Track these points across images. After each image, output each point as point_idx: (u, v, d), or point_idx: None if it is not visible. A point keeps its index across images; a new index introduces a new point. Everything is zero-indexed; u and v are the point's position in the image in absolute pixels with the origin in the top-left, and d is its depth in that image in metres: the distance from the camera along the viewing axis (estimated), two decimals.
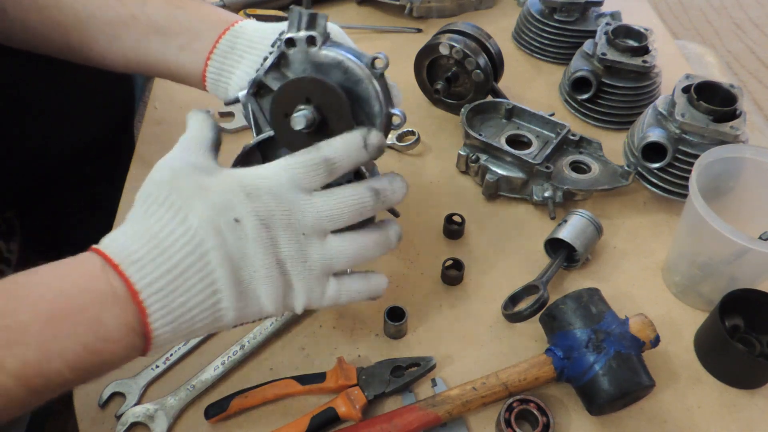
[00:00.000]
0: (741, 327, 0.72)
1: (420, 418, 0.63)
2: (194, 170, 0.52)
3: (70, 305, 0.46)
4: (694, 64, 1.22)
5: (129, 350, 0.49)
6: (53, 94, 0.91)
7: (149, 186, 0.52)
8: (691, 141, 0.82)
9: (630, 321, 0.66)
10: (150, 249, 0.48)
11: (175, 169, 0.52)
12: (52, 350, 0.45)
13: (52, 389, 0.47)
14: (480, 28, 0.97)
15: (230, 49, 0.66)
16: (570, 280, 0.80)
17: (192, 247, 0.49)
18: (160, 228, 0.49)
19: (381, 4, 1.23)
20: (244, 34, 0.67)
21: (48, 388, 0.46)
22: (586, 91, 0.99)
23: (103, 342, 0.47)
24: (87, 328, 0.46)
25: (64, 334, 0.45)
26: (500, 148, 0.87)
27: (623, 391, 0.62)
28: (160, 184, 0.51)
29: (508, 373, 0.66)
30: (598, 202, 0.89)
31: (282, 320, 0.72)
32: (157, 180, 0.52)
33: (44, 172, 0.96)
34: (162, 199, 0.50)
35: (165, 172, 0.53)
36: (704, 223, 0.67)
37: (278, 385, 0.67)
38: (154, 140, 0.95)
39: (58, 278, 0.48)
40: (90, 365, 0.47)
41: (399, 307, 0.72)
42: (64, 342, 0.45)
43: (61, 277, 0.48)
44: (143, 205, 0.51)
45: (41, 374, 0.45)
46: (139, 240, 0.48)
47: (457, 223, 0.84)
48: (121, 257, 0.48)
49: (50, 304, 0.46)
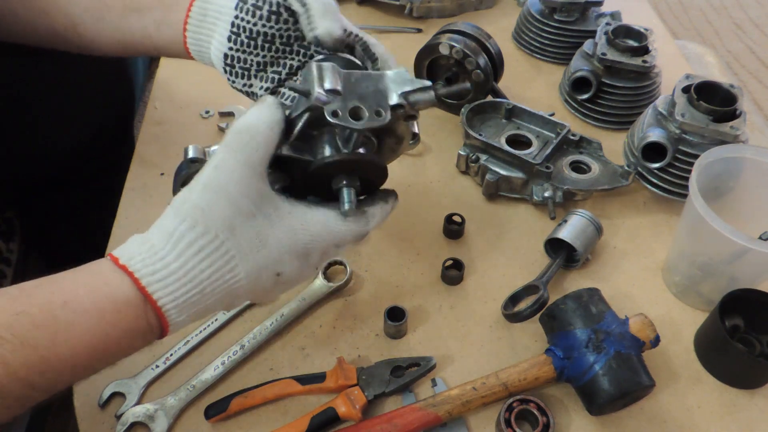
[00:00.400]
0: (741, 327, 0.72)
1: (420, 418, 0.63)
2: (254, 210, 0.52)
3: (111, 345, 0.49)
4: (694, 64, 1.22)
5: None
6: (53, 94, 0.91)
7: (200, 212, 0.50)
8: (691, 141, 0.82)
9: (630, 321, 0.66)
10: (195, 295, 0.50)
11: (234, 203, 0.51)
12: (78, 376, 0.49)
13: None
14: (480, 28, 0.97)
15: (203, 17, 0.65)
16: (570, 280, 0.80)
17: (229, 294, 0.52)
18: (210, 275, 0.50)
19: (381, 4, 1.23)
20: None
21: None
22: (586, 91, 0.99)
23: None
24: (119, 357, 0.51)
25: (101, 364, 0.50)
26: (500, 148, 0.87)
27: (623, 391, 0.62)
28: (217, 223, 0.50)
29: (508, 373, 0.66)
30: (598, 202, 0.89)
31: (282, 320, 0.73)
32: (213, 212, 0.50)
33: (44, 172, 0.96)
34: (218, 244, 0.50)
35: (222, 204, 0.50)
36: (704, 223, 0.67)
37: (278, 385, 0.67)
38: (154, 140, 0.95)
39: (98, 317, 0.49)
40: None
41: (399, 307, 0.72)
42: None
43: (101, 316, 0.49)
44: (191, 233, 0.50)
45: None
46: (186, 285, 0.50)
47: (457, 223, 0.84)
48: (165, 302, 0.49)
49: (92, 348, 0.48)
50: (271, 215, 0.52)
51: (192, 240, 0.49)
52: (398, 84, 0.57)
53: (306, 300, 0.75)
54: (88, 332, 0.47)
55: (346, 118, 0.53)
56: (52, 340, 0.46)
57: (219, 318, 0.73)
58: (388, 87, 0.57)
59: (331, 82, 0.53)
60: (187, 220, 0.50)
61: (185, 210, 0.50)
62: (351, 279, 0.77)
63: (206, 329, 0.72)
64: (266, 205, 0.52)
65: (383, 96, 0.56)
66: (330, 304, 0.76)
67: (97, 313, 0.48)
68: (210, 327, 0.72)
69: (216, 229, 0.50)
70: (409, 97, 0.57)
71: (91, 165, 1.01)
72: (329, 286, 0.76)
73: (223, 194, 0.50)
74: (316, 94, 0.52)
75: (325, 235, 0.55)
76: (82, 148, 0.98)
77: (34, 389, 0.46)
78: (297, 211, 0.54)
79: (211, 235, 0.50)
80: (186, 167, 0.56)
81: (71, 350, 0.47)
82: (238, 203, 0.51)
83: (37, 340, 0.45)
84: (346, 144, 0.56)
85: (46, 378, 0.46)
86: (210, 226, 0.50)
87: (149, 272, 0.49)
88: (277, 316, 0.73)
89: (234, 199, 0.50)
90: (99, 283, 0.49)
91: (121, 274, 0.49)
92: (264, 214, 0.52)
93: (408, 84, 0.57)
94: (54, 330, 0.46)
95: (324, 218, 0.55)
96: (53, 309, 0.47)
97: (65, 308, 0.47)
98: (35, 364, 0.45)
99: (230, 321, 0.74)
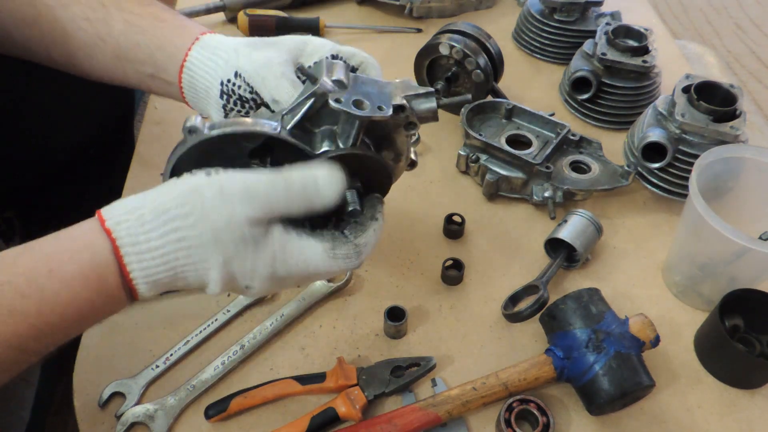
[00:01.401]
0: (741, 327, 0.72)
1: (420, 418, 0.63)
2: (246, 233, 0.51)
3: (98, 309, 0.50)
4: (694, 64, 1.22)
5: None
6: (53, 94, 0.91)
7: (200, 207, 0.50)
8: (691, 141, 0.82)
9: (630, 321, 0.66)
10: (166, 278, 0.50)
11: (233, 218, 0.50)
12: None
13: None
14: (480, 28, 0.97)
15: (192, 88, 0.66)
16: (570, 280, 0.80)
17: (198, 287, 0.52)
18: (184, 265, 0.50)
19: (381, 4, 1.23)
20: (197, 72, 0.65)
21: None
22: (586, 91, 0.99)
23: None
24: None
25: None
26: (500, 148, 0.87)
27: (623, 391, 0.62)
28: (207, 226, 0.50)
29: (508, 373, 0.66)
30: (598, 202, 0.89)
31: (282, 320, 0.72)
32: (210, 216, 0.50)
33: (44, 172, 0.96)
34: (198, 242, 0.50)
35: (223, 213, 0.50)
36: (704, 223, 0.67)
37: (278, 385, 0.67)
38: (154, 140, 0.95)
39: (83, 285, 0.49)
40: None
41: (399, 307, 0.72)
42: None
43: (86, 284, 0.49)
44: (183, 221, 0.49)
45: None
46: (159, 267, 0.50)
47: (457, 223, 0.84)
48: (137, 276, 0.49)
49: (79, 314, 0.49)
50: (259, 241, 0.51)
51: (178, 227, 0.49)
52: (403, 90, 0.58)
53: (306, 300, 0.75)
54: (74, 300, 0.48)
55: (348, 105, 0.53)
56: (38, 309, 0.47)
57: (219, 318, 0.73)
58: (393, 91, 0.58)
59: (339, 75, 0.55)
60: (186, 207, 0.49)
61: (192, 199, 0.50)
62: (351, 279, 0.77)
63: (206, 329, 0.72)
64: (259, 230, 0.51)
65: (387, 97, 0.57)
66: (330, 304, 0.76)
67: (82, 281, 0.48)
68: (210, 327, 0.72)
69: (203, 230, 0.49)
70: (411, 101, 0.57)
71: (91, 165, 1.01)
72: (329, 286, 0.76)
73: (228, 205, 0.50)
74: (323, 81, 0.54)
75: (305, 273, 0.54)
76: (83, 148, 0.98)
77: (28, 353, 0.48)
78: (282, 240, 0.52)
79: (197, 231, 0.49)
80: (185, 138, 0.55)
81: (59, 317, 0.48)
82: (235, 219, 0.50)
83: (25, 310, 0.46)
84: (346, 145, 0.56)
85: (40, 343, 0.48)
86: (198, 224, 0.49)
87: (130, 242, 0.49)
88: (277, 316, 0.73)
89: (235, 216, 0.50)
90: (81, 246, 0.49)
91: (105, 238, 0.49)
92: (253, 239, 0.51)
93: (412, 90, 0.58)
94: (40, 299, 0.47)
95: (310, 255, 0.53)
96: (38, 278, 0.47)
97: (51, 277, 0.47)
98: (26, 331, 0.46)
99: (230, 321, 0.74)
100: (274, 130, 0.55)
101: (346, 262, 0.55)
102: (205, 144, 0.54)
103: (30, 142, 0.91)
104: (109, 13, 0.67)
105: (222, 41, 0.65)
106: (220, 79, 0.64)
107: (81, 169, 1.00)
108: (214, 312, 0.74)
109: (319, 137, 0.57)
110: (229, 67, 0.63)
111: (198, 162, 0.55)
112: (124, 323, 0.73)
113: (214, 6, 1.16)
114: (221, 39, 0.66)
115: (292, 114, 0.56)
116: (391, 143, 0.62)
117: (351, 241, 0.54)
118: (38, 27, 0.69)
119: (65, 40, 0.69)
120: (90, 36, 0.68)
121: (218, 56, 0.64)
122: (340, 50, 0.65)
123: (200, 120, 0.54)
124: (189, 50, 0.65)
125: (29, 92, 0.88)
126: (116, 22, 0.67)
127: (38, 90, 0.90)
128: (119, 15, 0.67)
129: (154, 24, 0.67)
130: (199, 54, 0.64)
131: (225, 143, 0.55)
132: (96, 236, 0.49)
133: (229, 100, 0.64)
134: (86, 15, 0.68)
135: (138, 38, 0.67)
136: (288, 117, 0.56)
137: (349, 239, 0.55)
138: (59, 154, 0.95)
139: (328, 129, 0.57)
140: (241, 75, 0.63)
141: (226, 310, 0.74)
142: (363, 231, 0.55)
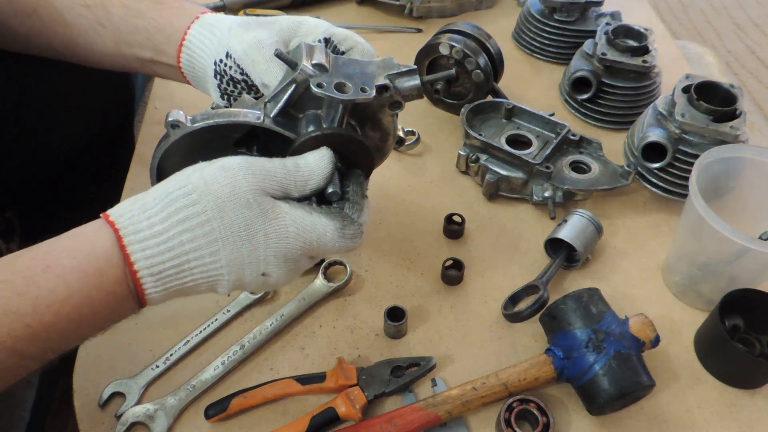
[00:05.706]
0: (741, 327, 0.72)
1: (420, 418, 0.63)
2: (252, 202, 0.50)
3: (96, 309, 0.49)
4: (694, 64, 1.22)
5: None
6: (53, 94, 0.91)
7: (202, 183, 0.49)
8: (691, 141, 0.82)
9: (630, 321, 0.66)
10: (171, 268, 0.49)
11: (235, 188, 0.49)
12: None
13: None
14: (480, 28, 0.97)
15: (192, 68, 0.66)
16: (570, 280, 0.80)
17: (209, 279, 0.51)
18: (189, 250, 0.49)
19: (381, 4, 1.23)
20: (195, 51, 0.65)
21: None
22: (586, 91, 0.99)
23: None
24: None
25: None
26: (500, 148, 0.87)
27: (623, 391, 0.62)
28: (210, 199, 0.49)
29: (508, 373, 0.66)
30: (598, 202, 0.89)
31: (282, 320, 0.72)
32: (212, 188, 0.49)
33: (44, 172, 0.96)
34: (202, 220, 0.49)
35: (224, 183, 0.49)
36: (704, 223, 0.67)
37: (278, 385, 0.67)
38: (154, 140, 0.93)
39: (81, 280, 0.48)
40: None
41: (399, 307, 0.72)
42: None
43: (84, 279, 0.48)
44: (184, 199, 0.48)
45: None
46: (165, 254, 0.49)
47: (457, 223, 0.84)
48: (141, 266, 0.48)
49: (77, 312, 0.48)
50: (267, 211, 0.51)
51: (181, 207, 0.48)
52: (385, 69, 0.57)
53: (306, 300, 0.75)
54: (71, 297, 0.47)
55: (330, 89, 0.53)
56: (34, 307, 0.45)
57: (219, 318, 0.73)
58: (375, 71, 0.57)
59: (319, 58, 0.54)
60: (187, 186, 0.49)
61: (192, 178, 0.49)
62: (351, 279, 0.77)
63: (206, 329, 0.72)
64: (266, 200, 0.51)
65: (370, 78, 0.56)
66: (330, 304, 0.76)
67: (79, 275, 0.47)
68: (210, 327, 0.72)
69: (206, 204, 0.49)
70: (395, 80, 0.57)
71: (91, 165, 1.01)
72: (329, 286, 0.76)
73: (230, 176, 0.49)
74: (303, 66, 0.53)
75: (319, 247, 0.53)
76: (83, 148, 0.97)
77: (24, 358, 0.46)
78: (294, 213, 0.52)
79: (200, 206, 0.48)
80: (168, 132, 0.55)
81: (55, 316, 0.46)
82: (239, 188, 0.49)
83: (20, 308, 0.45)
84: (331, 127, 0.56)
85: (35, 346, 0.46)
86: (202, 199, 0.49)
87: (133, 230, 0.48)
88: (277, 316, 0.73)
89: (238, 184, 0.49)
90: (81, 243, 0.48)
91: (107, 230, 0.48)
92: (261, 209, 0.50)
93: (394, 68, 0.57)
94: (35, 296, 0.46)
95: (323, 230, 0.53)
96: (34, 275, 0.46)
97: (47, 273, 0.46)
98: (21, 332, 0.45)
99: (230, 321, 0.74)
100: (257, 120, 0.54)
101: (353, 241, 0.55)
102: (189, 137, 0.54)
103: (30, 142, 0.91)
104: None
105: (219, 19, 0.64)
106: (213, 58, 0.63)
107: (81, 169, 0.99)
108: (214, 312, 0.74)
109: (304, 122, 0.57)
110: (221, 46, 0.62)
111: (184, 155, 0.54)
112: (124, 323, 0.71)
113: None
114: (219, 17, 0.65)
115: (274, 101, 0.55)
116: (377, 123, 0.61)
117: (356, 221, 0.55)
118: (38, 16, 0.69)
119: (65, 28, 0.69)
120: (89, 22, 0.68)
121: (213, 34, 0.63)
122: (333, 32, 0.64)
123: (182, 114, 0.54)
124: (187, 29, 0.64)
125: (29, 92, 0.88)
126: (115, 7, 0.67)
127: (38, 90, 0.90)
128: (117, 0, 0.67)
129: (152, 7, 0.67)
130: (197, 32, 0.64)
131: (210, 135, 0.54)
132: (98, 231, 0.48)
133: (222, 80, 0.63)
134: (85, 1, 0.68)
135: (137, 22, 0.66)
136: (271, 105, 0.55)
137: (354, 219, 0.55)
138: (59, 154, 0.95)
139: (312, 113, 0.56)
140: (232, 56, 0.62)
141: (226, 310, 0.74)
142: (361, 210, 0.56)
